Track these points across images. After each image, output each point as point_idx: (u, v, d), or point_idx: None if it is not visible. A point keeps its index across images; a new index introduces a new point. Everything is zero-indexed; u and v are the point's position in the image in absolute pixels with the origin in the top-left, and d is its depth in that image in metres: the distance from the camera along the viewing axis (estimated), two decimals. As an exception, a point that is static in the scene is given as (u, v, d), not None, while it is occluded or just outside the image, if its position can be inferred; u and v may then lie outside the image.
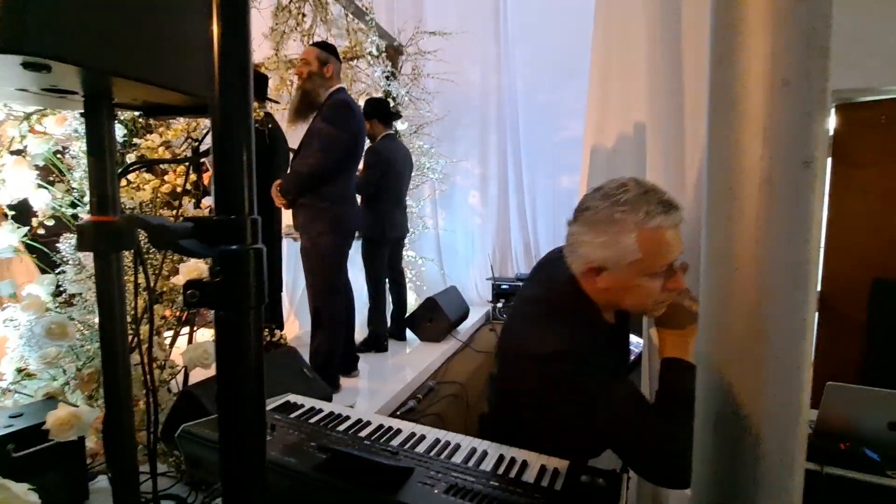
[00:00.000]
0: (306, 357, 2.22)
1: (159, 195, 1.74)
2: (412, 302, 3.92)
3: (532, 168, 4.70)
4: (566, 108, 4.44)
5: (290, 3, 2.98)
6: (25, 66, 0.57)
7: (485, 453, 0.89)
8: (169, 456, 1.57)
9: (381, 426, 1.02)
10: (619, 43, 1.73)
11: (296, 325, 3.44)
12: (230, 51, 0.42)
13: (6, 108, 1.56)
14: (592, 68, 1.86)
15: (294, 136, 2.63)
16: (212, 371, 1.15)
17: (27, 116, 1.53)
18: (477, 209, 4.84)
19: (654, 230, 0.95)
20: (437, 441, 0.95)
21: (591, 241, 1.00)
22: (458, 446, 0.93)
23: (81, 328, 1.57)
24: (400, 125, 3.95)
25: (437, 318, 3.38)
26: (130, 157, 1.73)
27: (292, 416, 1.14)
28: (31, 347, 1.54)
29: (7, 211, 1.60)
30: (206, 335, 1.85)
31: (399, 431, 1.00)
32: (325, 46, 2.46)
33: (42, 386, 1.57)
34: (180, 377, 1.71)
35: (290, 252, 3.35)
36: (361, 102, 3.24)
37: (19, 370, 1.58)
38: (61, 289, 1.66)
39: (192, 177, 1.99)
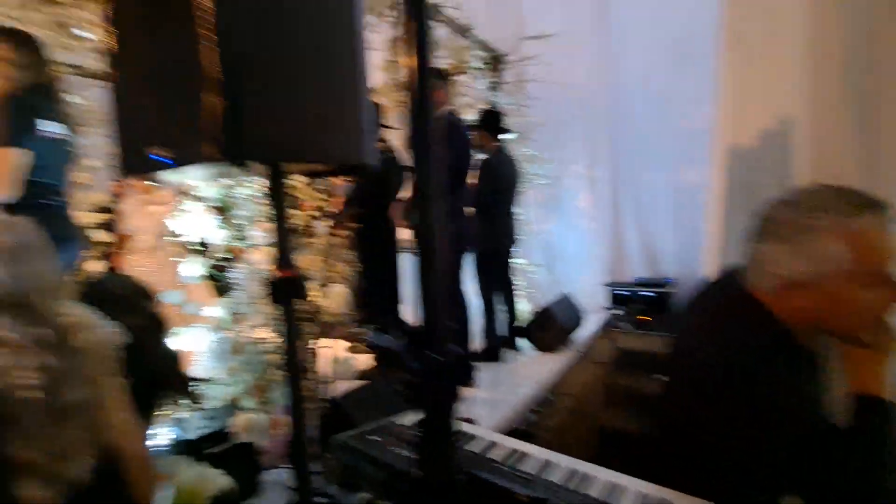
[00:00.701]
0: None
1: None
2: (524, 310, 3.92)
3: (648, 163, 4.40)
4: (685, 96, 4.09)
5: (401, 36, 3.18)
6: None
7: (623, 490, 0.89)
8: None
9: (514, 451, 1.07)
10: (760, 18, 1.54)
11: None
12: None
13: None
14: (721, 50, 1.69)
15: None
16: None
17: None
18: (588, 211, 4.68)
19: (863, 232, 0.83)
20: (572, 471, 0.96)
21: (786, 254, 0.89)
22: (594, 479, 0.93)
23: (252, 345, 1.87)
24: (505, 135, 3.99)
25: (551, 327, 3.34)
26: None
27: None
28: (216, 360, 1.88)
29: (198, 247, 1.98)
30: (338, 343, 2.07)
31: (531, 456, 1.03)
32: (436, 73, 2.60)
33: (225, 392, 1.91)
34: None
35: (409, 265, 3.57)
36: (467, 116, 3.34)
37: (207, 378, 1.94)
38: (233, 310, 2.00)
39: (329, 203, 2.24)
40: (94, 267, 2.99)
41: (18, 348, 0.82)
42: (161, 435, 1.61)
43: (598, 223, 4.62)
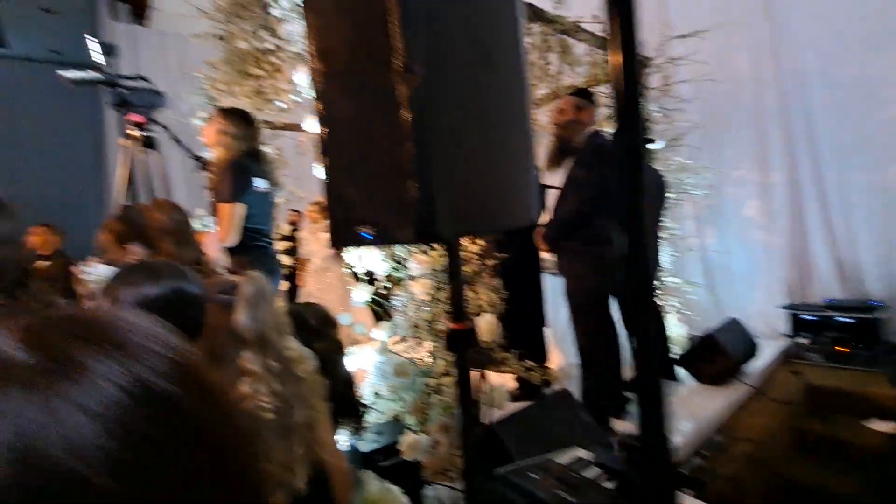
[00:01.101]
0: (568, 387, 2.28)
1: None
2: (680, 335, 3.56)
3: (840, 163, 3.67)
4: (887, 81, 3.34)
5: (538, 58, 3.21)
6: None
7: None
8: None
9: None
10: None
11: (559, 358, 3.58)
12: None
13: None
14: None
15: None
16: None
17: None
18: (758, 222, 4.07)
19: None
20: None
21: None
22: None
23: (413, 367, 2.05)
24: (651, 145, 3.71)
25: (717, 356, 2.97)
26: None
27: (587, 473, 1.21)
28: (381, 379, 2.10)
29: (364, 276, 2.26)
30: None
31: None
32: (582, 94, 2.55)
33: (389, 408, 2.12)
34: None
35: (553, 286, 3.52)
36: (606, 127, 3.19)
37: (375, 394, 2.17)
38: (395, 333, 2.21)
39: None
40: (283, 286, 3.58)
41: (259, 377, 1.04)
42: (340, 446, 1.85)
43: (773, 235, 3.99)
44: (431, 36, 0.77)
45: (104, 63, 1.86)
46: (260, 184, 2.20)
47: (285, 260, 3.71)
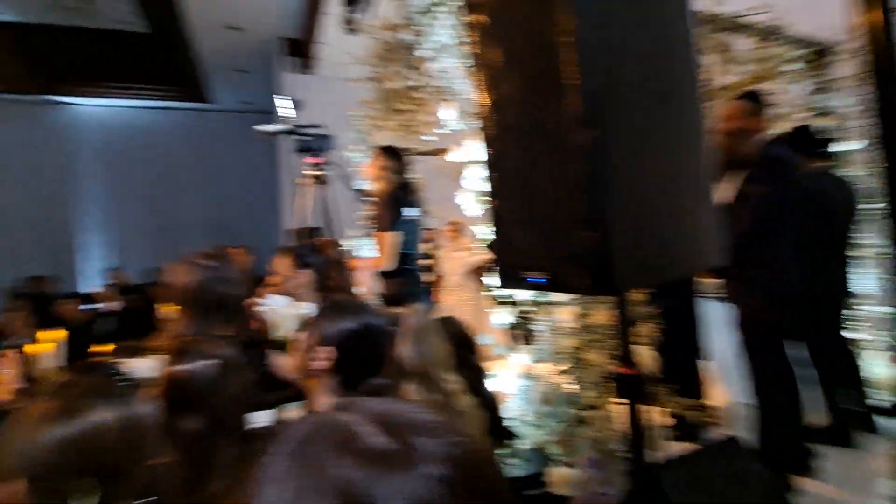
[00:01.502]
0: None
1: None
2: (888, 375, 2.89)
3: None
4: None
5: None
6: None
7: None
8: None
9: None
10: None
11: (722, 395, 3.17)
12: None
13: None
14: None
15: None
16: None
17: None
18: None
19: None
20: None
21: None
22: None
23: (560, 394, 2.01)
24: (837, 146, 3.12)
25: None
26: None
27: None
28: (525, 404, 2.10)
29: (507, 299, 2.30)
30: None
31: None
32: (750, 97, 2.28)
33: (533, 434, 2.10)
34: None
35: (717, 313, 3.14)
36: (777, 129, 2.77)
37: (518, 418, 2.18)
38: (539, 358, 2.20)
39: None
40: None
41: None
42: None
43: None
44: (608, 82, 0.77)
45: (293, 116, 2.22)
46: (411, 212, 2.39)
47: (425, 278, 3.95)
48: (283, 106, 2.29)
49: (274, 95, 2.46)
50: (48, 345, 1.71)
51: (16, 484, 0.65)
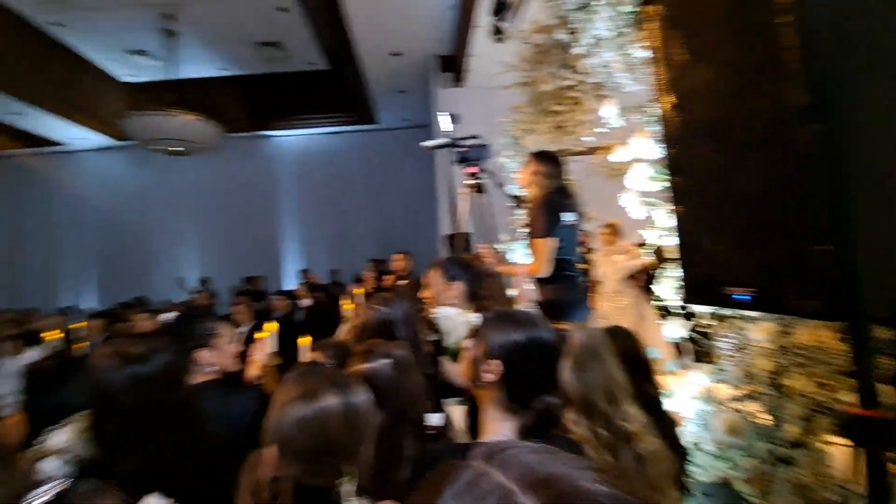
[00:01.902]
0: None
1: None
2: None
3: None
4: None
5: None
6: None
7: None
8: None
9: None
10: None
11: None
12: None
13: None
14: None
15: None
16: None
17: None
18: None
19: None
20: None
21: None
22: None
23: (750, 424, 1.73)
24: None
25: None
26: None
27: None
28: (705, 431, 1.85)
29: (680, 311, 2.07)
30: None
31: None
32: None
33: (713, 466, 1.83)
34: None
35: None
36: None
37: (694, 445, 1.92)
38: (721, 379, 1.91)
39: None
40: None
41: (584, 443, 0.98)
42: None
43: None
44: (837, 66, 0.63)
45: (453, 130, 2.34)
46: (568, 217, 2.31)
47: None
48: (444, 121, 2.43)
49: (437, 112, 2.63)
50: (268, 333, 2.10)
51: (273, 450, 0.83)
